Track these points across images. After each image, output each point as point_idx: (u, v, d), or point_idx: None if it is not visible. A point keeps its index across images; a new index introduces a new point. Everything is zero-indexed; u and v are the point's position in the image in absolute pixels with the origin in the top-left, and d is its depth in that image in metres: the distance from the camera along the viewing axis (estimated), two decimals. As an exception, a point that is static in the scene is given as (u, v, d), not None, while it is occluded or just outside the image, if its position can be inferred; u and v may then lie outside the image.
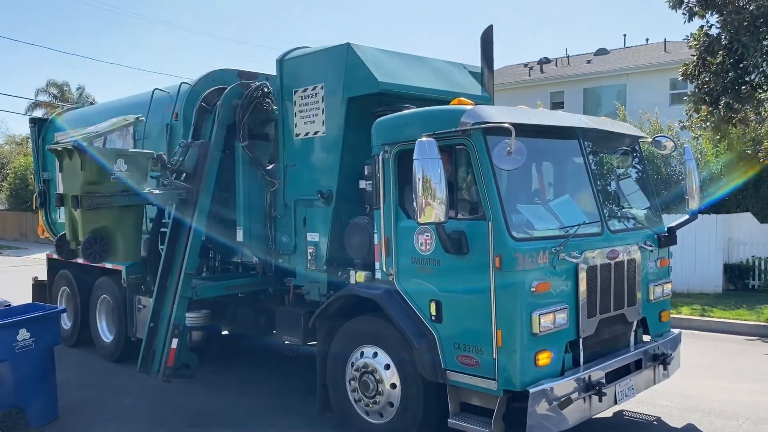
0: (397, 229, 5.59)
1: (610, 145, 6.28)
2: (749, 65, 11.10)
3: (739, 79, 11.83)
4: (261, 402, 7.22)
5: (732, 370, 8.49)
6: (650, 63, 24.88)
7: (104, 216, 6.15)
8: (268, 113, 7.10)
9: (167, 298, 7.04)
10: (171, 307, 6.93)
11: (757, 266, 14.29)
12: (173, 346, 6.77)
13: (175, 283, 6.96)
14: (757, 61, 10.70)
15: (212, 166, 7.01)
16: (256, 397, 7.40)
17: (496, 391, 4.96)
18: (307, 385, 7.28)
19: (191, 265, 6.95)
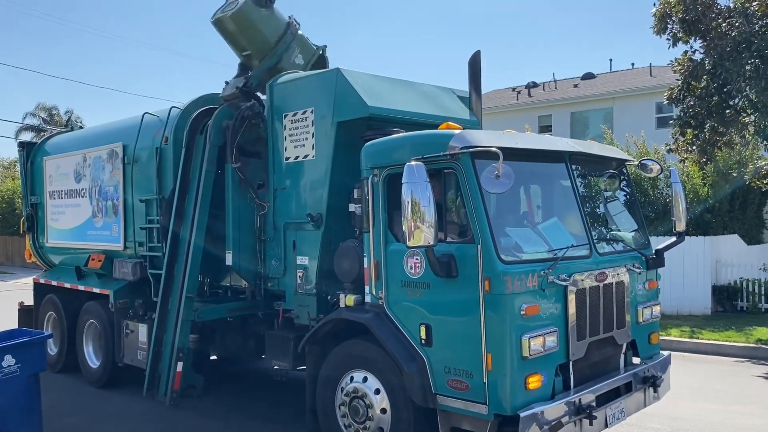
0: (387, 252, 5.59)
1: (598, 168, 6.34)
2: (732, 90, 11.30)
3: (723, 103, 12.03)
4: (249, 427, 7.14)
5: (722, 392, 8.50)
6: (636, 87, 25.22)
7: None
8: (259, 132, 7.12)
9: (169, 321, 7.06)
10: (174, 331, 6.94)
11: (745, 288, 14.38)
12: (179, 369, 6.78)
13: (177, 307, 6.96)
14: (740, 85, 10.88)
15: (207, 187, 7.04)
16: (244, 422, 7.31)
17: (487, 415, 4.93)
18: (296, 410, 7.19)
19: (192, 288, 6.95)
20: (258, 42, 7.59)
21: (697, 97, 12.59)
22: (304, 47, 7.97)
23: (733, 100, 11.87)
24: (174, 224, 7.33)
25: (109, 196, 8.57)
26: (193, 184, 7.27)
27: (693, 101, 12.73)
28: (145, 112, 8.23)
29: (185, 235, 7.20)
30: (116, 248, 8.44)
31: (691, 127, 13.28)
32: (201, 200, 7.08)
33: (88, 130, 11.10)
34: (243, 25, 7.48)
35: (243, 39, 7.60)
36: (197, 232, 7.08)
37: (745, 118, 12.20)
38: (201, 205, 7.10)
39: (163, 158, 7.66)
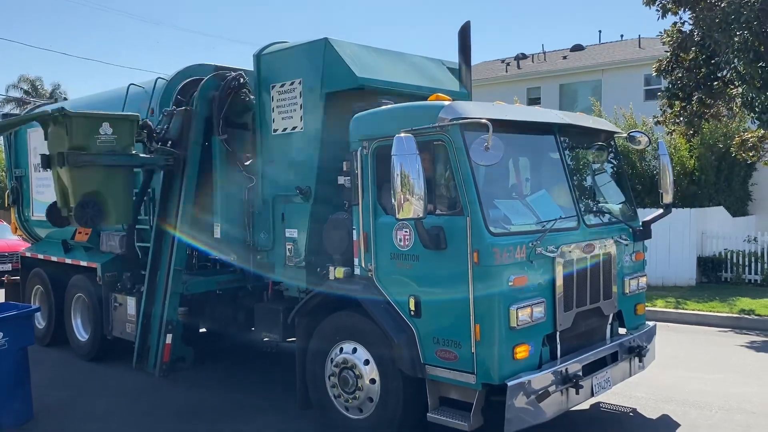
0: (376, 225, 5.59)
1: (586, 141, 6.35)
2: (721, 61, 11.29)
3: (712, 75, 12.06)
4: (240, 399, 7.19)
5: (706, 361, 8.65)
6: (625, 59, 25.14)
7: (93, 179, 6.09)
8: (246, 104, 7.05)
9: (158, 294, 7.05)
10: (163, 304, 6.93)
11: (729, 259, 14.57)
12: (168, 341, 6.78)
13: (165, 280, 6.95)
14: (728, 57, 10.87)
15: (193, 159, 7.00)
16: (235, 394, 7.37)
17: (475, 384, 5.00)
18: (287, 381, 7.26)
19: (180, 261, 6.94)
20: None
21: (686, 69, 12.60)
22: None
23: (721, 72, 11.89)
24: (161, 197, 7.27)
25: (96, 169, 8.45)
26: (178, 159, 7.19)
27: (681, 73, 12.75)
28: (131, 84, 8.11)
29: (172, 208, 7.16)
30: (103, 221, 8.37)
31: (679, 99, 13.31)
32: (189, 173, 7.02)
33: (73, 102, 10.89)
34: None
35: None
36: (184, 205, 7.03)
37: (733, 90, 12.23)
38: (188, 178, 7.04)
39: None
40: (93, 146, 5.97)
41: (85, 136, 5.97)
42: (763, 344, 9.67)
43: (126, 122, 6.22)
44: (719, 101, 13.17)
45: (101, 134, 6.00)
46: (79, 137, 5.94)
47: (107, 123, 6.02)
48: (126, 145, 6.21)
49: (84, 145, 5.94)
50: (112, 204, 6.17)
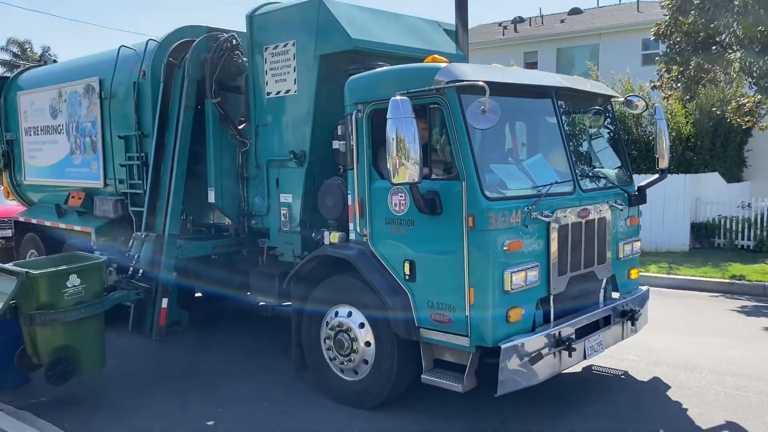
0: (371, 189, 5.57)
1: (583, 105, 6.29)
2: (720, 25, 11.16)
3: (710, 39, 11.91)
4: (236, 361, 7.25)
5: (697, 325, 8.74)
6: (623, 23, 24.85)
7: (62, 335, 5.81)
8: (239, 66, 6.95)
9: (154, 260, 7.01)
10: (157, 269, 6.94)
11: (723, 225, 14.62)
12: (164, 305, 6.80)
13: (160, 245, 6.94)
14: (728, 21, 10.76)
15: (186, 123, 6.93)
16: (232, 357, 7.42)
17: (469, 347, 5.04)
18: (283, 344, 7.31)
19: (174, 226, 6.93)
20: None
21: (684, 33, 12.45)
22: None
23: (720, 36, 11.75)
24: (154, 161, 7.22)
25: (87, 132, 8.39)
26: (172, 120, 7.12)
27: (680, 37, 12.61)
28: (122, 45, 7.97)
29: (166, 173, 7.11)
30: (96, 185, 8.33)
31: (677, 63, 13.19)
32: (181, 137, 6.96)
33: (63, 64, 10.76)
34: None
35: None
36: (178, 170, 6.99)
37: (731, 55, 12.11)
38: (181, 143, 6.98)
39: (141, 93, 7.46)
40: (61, 302, 5.70)
41: (52, 294, 5.69)
42: (753, 309, 9.77)
43: (94, 270, 5.98)
44: (717, 66, 13.06)
45: (69, 287, 5.75)
46: (45, 296, 5.66)
47: (75, 275, 5.79)
48: (96, 292, 6.00)
49: (51, 302, 5.67)
50: (83, 354, 5.93)
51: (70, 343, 5.86)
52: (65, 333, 5.85)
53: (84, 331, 5.96)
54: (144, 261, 6.98)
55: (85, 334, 5.98)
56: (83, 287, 5.88)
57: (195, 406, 6.04)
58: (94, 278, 6.01)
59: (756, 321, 9.00)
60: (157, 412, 5.93)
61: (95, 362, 6.12)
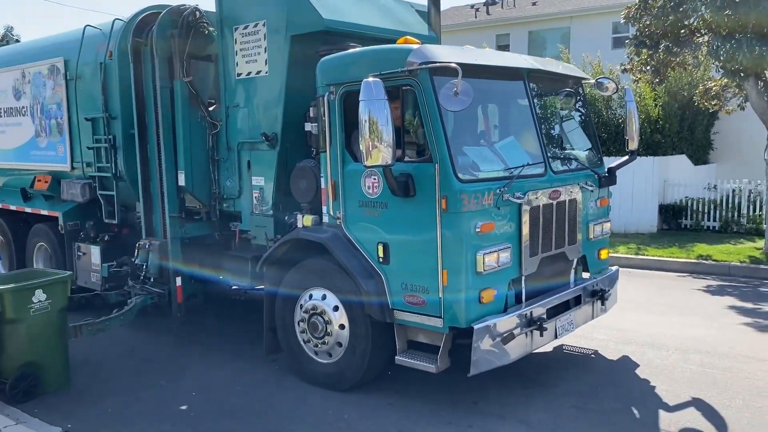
0: (344, 172, 5.54)
1: (554, 87, 6.32)
2: (689, 9, 11.28)
3: (679, 22, 12.01)
4: (208, 346, 7.22)
5: (664, 305, 8.92)
6: (594, 6, 24.93)
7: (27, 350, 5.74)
8: (208, 36, 6.80)
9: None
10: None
11: (690, 206, 14.91)
12: (178, 284, 6.88)
13: (162, 227, 6.98)
14: (696, 4, 10.87)
15: (165, 104, 6.84)
16: (202, 341, 7.38)
17: (442, 328, 5.08)
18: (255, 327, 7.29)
19: (173, 208, 6.93)
20: None
21: (654, 16, 12.53)
22: None
23: (689, 19, 11.87)
24: (139, 145, 7.12)
25: (53, 115, 8.19)
26: (149, 101, 6.99)
27: (649, 20, 12.68)
28: (87, 25, 7.76)
29: (153, 155, 7.04)
30: (63, 169, 8.15)
31: (646, 46, 13.29)
32: (162, 119, 6.85)
33: (26, 44, 10.48)
34: None
35: None
36: (165, 151, 6.91)
37: (699, 39, 12.26)
38: (163, 124, 6.87)
39: (109, 74, 7.28)
40: (27, 317, 5.65)
41: (18, 309, 5.61)
42: (718, 288, 10.00)
43: (59, 284, 5.90)
44: (685, 49, 13.20)
45: (35, 303, 5.69)
46: (11, 312, 5.59)
47: (40, 290, 5.71)
48: (61, 307, 5.92)
49: (17, 317, 5.61)
50: (49, 369, 5.85)
51: (34, 359, 5.79)
52: (30, 348, 5.77)
53: (49, 344, 5.89)
54: (154, 269, 7.07)
55: (51, 348, 5.91)
56: (49, 302, 5.81)
57: (165, 392, 6.01)
58: (59, 293, 5.94)
59: (720, 300, 9.22)
60: (126, 398, 5.88)
61: (60, 379, 6.04)
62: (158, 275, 7.08)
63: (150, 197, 7.16)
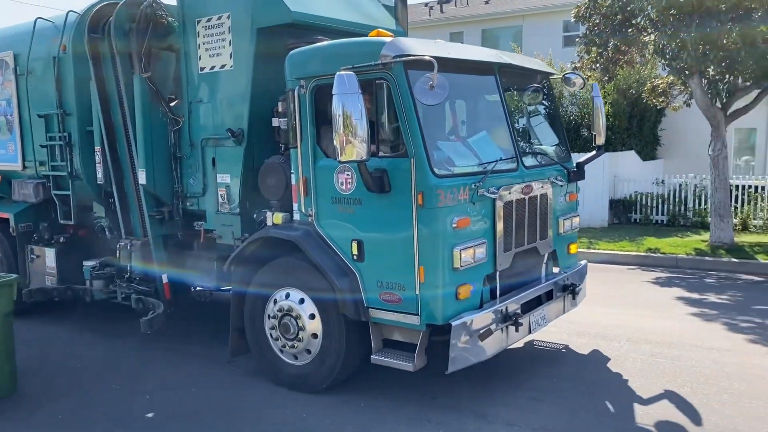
0: (316, 168, 5.42)
1: (523, 82, 6.32)
2: (635, 8, 11.56)
3: (627, 21, 12.29)
4: (167, 348, 7.00)
5: (615, 297, 9.09)
6: (545, 5, 25.35)
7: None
8: (167, 27, 6.56)
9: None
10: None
11: (639, 201, 15.31)
12: (165, 281, 6.68)
13: (141, 228, 6.77)
14: (642, 4, 11.15)
15: (131, 101, 6.58)
16: (162, 343, 7.14)
17: (419, 326, 5.02)
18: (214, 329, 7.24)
19: (150, 207, 6.71)
20: None
21: (603, 16, 12.79)
22: None
23: (636, 18, 12.16)
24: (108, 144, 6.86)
25: (2, 111, 7.78)
26: (113, 98, 6.74)
27: (598, 19, 12.94)
28: (38, 17, 7.40)
29: (124, 153, 6.80)
30: (14, 168, 7.77)
31: (596, 45, 13.54)
32: (131, 116, 6.63)
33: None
34: None
35: None
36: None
37: (646, 37, 12.59)
38: (132, 121, 6.65)
39: (63, 69, 6.96)
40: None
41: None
42: (667, 280, 10.27)
43: (5, 288, 5.66)
44: (633, 48, 13.52)
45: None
46: None
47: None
48: (6, 312, 5.68)
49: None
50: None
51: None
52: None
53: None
54: (138, 271, 6.85)
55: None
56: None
57: (119, 395, 5.82)
58: (4, 297, 5.66)
59: (669, 291, 9.48)
60: (79, 402, 5.67)
61: (8, 384, 5.76)
62: (143, 274, 6.84)
63: (125, 196, 6.88)
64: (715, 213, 12.18)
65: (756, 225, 13.64)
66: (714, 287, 9.64)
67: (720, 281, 10.08)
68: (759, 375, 5.95)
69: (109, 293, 7.13)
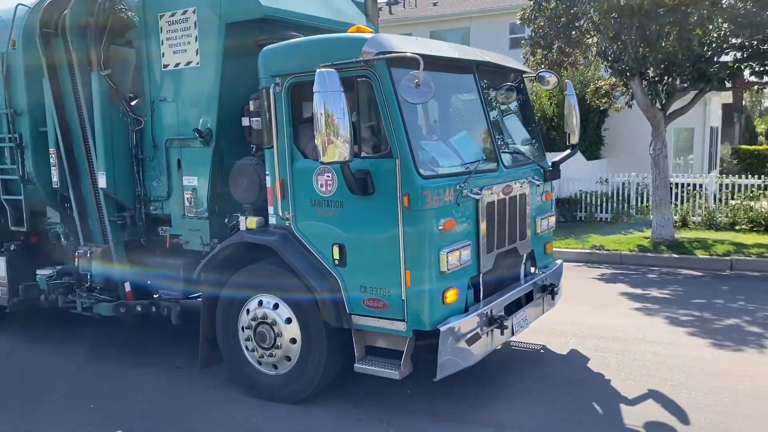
0: (293, 169, 5.18)
1: (499, 80, 6.24)
2: (579, 11, 11.75)
3: (570, 24, 12.48)
4: (116, 358, 6.69)
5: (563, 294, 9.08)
6: (492, 7, 25.66)
7: None
8: (126, 21, 6.18)
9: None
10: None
11: (584, 200, 15.62)
12: (128, 289, 6.36)
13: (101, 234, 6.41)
14: (585, 7, 11.35)
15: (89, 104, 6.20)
16: (104, 351, 6.86)
17: (405, 332, 4.85)
18: (159, 337, 7.04)
19: (111, 212, 6.33)
20: None
21: (547, 18, 12.96)
22: None
23: (579, 21, 12.37)
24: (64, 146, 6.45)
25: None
26: (68, 97, 6.34)
27: (543, 22, 13.11)
28: (-18, 11, 6.89)
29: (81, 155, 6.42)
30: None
31: (541, 47, 13.71)
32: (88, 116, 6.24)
33: None
34: None
35: None
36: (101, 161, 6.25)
37: (589, 40, 12.82)
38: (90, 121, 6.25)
39: (12, 65, 6.48)
40: None
41: None
42: (611, 276, 10.45)
43: None
44: (577, 50, 13.76)
45: None
46: None
47: None
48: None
49: None
50: None
51: None
52: None
53: None
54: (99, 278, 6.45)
55: None
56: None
57: (60, 407, 5.55)
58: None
59: (613, 287, 9.64)
60: (17, 413, 5.40)
61: None
62: (104, 282, 6.44)
63: (83, 200, 6.47)
64: (656, 210, 12.51)
65: (695, 221, 14.08)
66: (656, 282, 9.87)
67: (662, 276, 10.32)
68: (698, 367, 6.11)
69: (68, 303, 6.68)
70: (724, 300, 8.62)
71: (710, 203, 14.47)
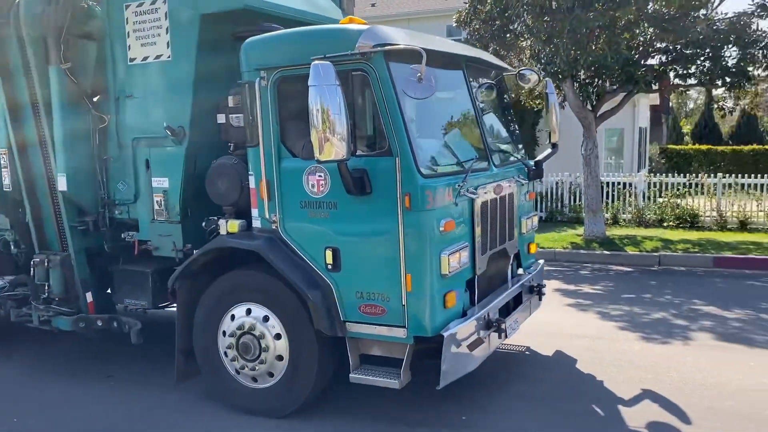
0: (281, 169, 4.86)
1: (484, 77, 6.09)
2: (513, 14, 11.90)
3: (504, 27, 12.62)
4: (45, 368, 6.29)
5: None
6: (429, 9, 25.87)
7: None
8: (87, 11, 5.70)
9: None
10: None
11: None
12: (89, 300, 5.94)
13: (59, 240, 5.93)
14: (519, 10, 11.51)
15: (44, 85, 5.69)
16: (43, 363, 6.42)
17: (406, 339, 4.63)
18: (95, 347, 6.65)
19: (71, 217, 5.85)
20: None
21: (483, 21, 13.05)
22: None
23: (513, 24, 12.52)
24: (17, 146, 5.94)
25: None
26: (22, 94, 5.83)
27: (478, 24, 13.19)
28: None
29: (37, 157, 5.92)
30: None
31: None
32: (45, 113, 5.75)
33: None
34: None
35: None
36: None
37: (523, 43, 13.00)
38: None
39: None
40: None
41: None
42: (545, 273, 10.34)
43: None
44: (511, 52, 13.91)
45: None
46: None
47: None
48: None
49: None
50: None
51: None
52: None
53: None
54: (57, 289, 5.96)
55: None
56: None
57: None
58: None
59: (548, 284, 9.52)
60: None
61: None
62: (63, 293, 5.91)
63: (38, 205, 5.91)
64: (588, 208, 12.82)
65: (625, 219, 14.50)
66: (588, 278, 10.06)
67: (594, 273, 10.52)
68: (628, 360, 6.24)
69: (22, 317, 6.11)
70: (651, 294, 8.86)
71: (639, 201, 14.92)
